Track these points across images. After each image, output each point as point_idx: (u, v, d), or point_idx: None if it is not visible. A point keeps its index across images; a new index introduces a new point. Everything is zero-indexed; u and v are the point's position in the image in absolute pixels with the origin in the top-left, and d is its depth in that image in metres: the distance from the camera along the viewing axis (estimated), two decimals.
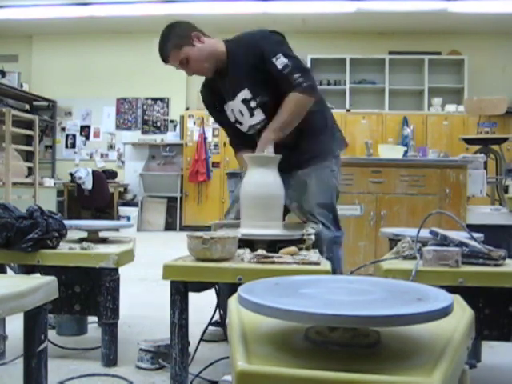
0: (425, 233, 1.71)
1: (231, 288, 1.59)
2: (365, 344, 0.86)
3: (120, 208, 7.93)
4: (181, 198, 8.12)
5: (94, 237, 2.27)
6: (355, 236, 3.64)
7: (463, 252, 1.57)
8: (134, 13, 7.52)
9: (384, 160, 3.82)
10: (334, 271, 1.83)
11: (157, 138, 8.58)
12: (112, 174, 8.37)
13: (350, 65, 8.05)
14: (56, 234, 1.93)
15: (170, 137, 8.49)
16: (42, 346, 1.22)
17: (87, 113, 8.85)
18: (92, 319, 2.47)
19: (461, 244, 1.60)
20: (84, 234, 2.30)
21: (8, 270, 2.13)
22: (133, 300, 2.88)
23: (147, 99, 8.72)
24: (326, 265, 1.57)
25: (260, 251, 1.69)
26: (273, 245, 1.82)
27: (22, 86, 8.23)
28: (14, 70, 8.16)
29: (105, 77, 8.57)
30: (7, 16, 7.66)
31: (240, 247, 1.71)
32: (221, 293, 1.88)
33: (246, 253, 1.67)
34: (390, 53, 8.16)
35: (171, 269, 1.56)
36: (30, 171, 6.36)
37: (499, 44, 8.05)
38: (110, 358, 1.97)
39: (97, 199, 7.86)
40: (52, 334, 2.29)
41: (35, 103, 8.55)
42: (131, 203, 8.15)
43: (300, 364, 0.78)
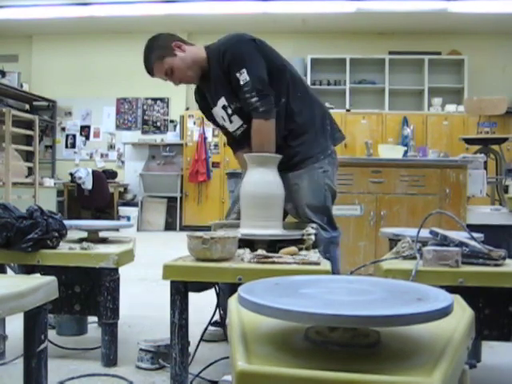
0: (425, 233, 1.71)
1: (231, 288, 1.59)
2: (365, 344, 0.86)
3: (120, 208, 7.93)
4: (181, 198, 8.12)
5: (94, 237, 2.27)
6: (355, 236, 3.65)
7: (463, 252, 1.57)
8: (134, 13, 7.52)
9: (384, 160, 3.82)
10: (332, 271, 1.83)
11: (157, 138, 8.58)
12: (112, 174, 8.37)
13: (350, 65, 8.05)
14: (56, 234, 1.93)
15: (170, 137, 8.49)
16: (42, 346, 1.22)
17: (87, 113, 8.85)
18: (92, 319, 2.47)
19: (461, 244, 1.60)
20: (84, 234, 2.30)
21: (8, 270, 2.13)
22: (133, 300, 2.88)
23: (147, 99, 8.71)
24: (326, 265, 1.57)
25: (260, 251, 1.69)
26: (273, 245, 1.83)
27: (22, 86, 8.23)
28: (14, 70, 8.16)
29: (105, 77, 8.57)
30: (7, 16, 7.67)
31: (240, 247, 1.71)
32: (221, 293, 1.88)
33: (246, 253, 1.67)
34: (390, 53, 8.16)
35: (171, 269, 1.56)
36: (30, 171, 6.36)
37: (499, 44, 8.05)
38: (110, 358, 1.97)
39: (97, 199, 7.86)
40: (52, 334, 2.29)
41: (35, 103, 8.55)
42: (131, 203, 8.15)
43: (300, 364, 0.78)
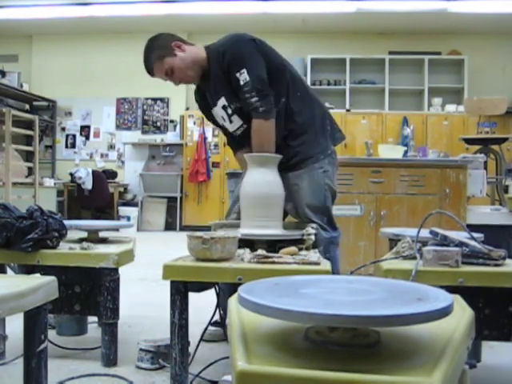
0: (425, 233, 1.71)
1: (231, 288, 1.59)
2: (365, 344, 0.86)
3: (120, 208, 7.93)
4: (181, 198, 8.12)
5: (94, 237, 2.27)
6: (355, 236, 3.65)
7: (463, 252, 1.57)
8: (134, 13, 7.52)
9: (384, 160, 3.82)
10: (332, 271, 1.83)
11: (157, 138, 8.58)
12: (112, 174, 8.37)
13: (350, 65, 8.05)
14: (56, 234, 1.93)
15: (170, 137, 8.49)
16: (42, 346, 1.22)
17: (87, 113, 8.85)
18: (92, 319, 2.47)
19: (461, 244, 1.60)
20: (84, 234, 2.30)
21: (8, 270, 2.13)
22: (133, 300, 2.88)
23: (147, 99, 8.71)
24: (326, 265, 1.57)
25: (260, 251, 1.69)
26: (273, 245, 1.82)
27: (22, 86, 8.23)
28: (14, 70, 8.16)
29: (105, 77, 8.57)
30: (7, 16, 7.67)
31: (240, 247, 1.71)
32: (221, 293, 1.88)
33: (246, 253, 1.67)
34: (390, 53, 8.16)
35: (171, 269, 1.56)
36: (30, 171, 6.36)
37: (499, 44, 8.05)
38: (110, 358, 1.97)
39: (97, 199, 7.86)
40: (52, 334, 2.29)
41: (35, 103, 8.55)
42: (131, 203, 8.15)
43: (300, 364, 0.77)
